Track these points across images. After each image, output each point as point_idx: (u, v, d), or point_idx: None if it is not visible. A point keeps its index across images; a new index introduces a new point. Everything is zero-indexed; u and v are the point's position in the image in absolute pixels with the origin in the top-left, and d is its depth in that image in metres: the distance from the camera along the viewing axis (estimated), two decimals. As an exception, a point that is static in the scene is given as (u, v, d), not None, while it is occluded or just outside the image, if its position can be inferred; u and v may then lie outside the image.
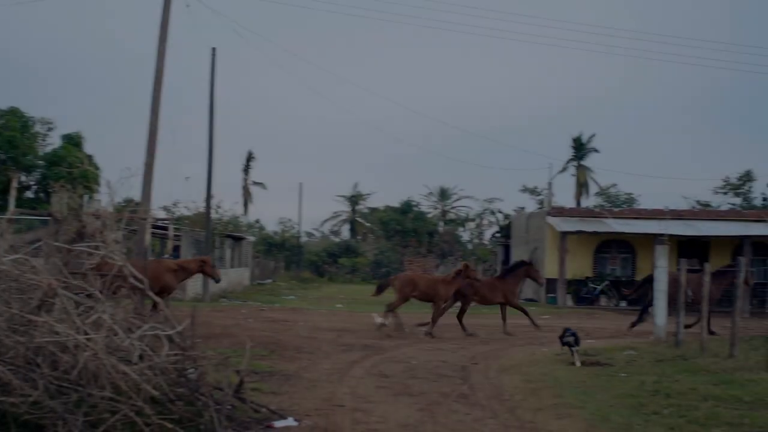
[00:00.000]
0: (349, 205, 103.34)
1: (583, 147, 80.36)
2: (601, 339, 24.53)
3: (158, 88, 28.85)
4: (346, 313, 34.13)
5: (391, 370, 16.98)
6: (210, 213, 42.68)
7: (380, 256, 77.99)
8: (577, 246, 44.08)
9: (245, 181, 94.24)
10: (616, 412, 12.49)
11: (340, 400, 13.37)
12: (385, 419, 11.84)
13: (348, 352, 19.77)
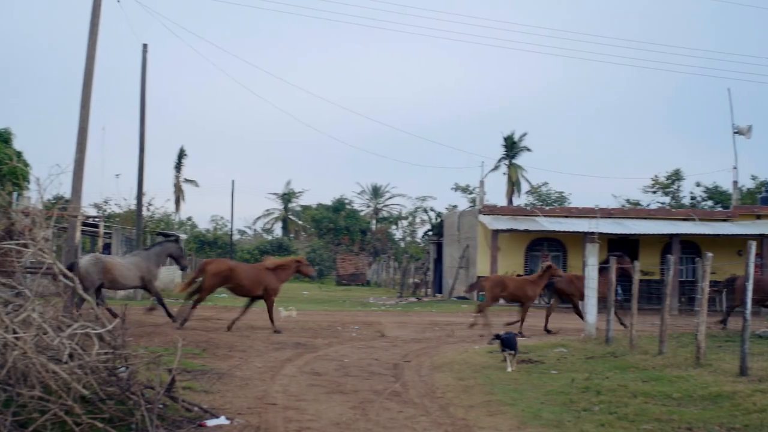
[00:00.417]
0: (282, 202, 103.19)
1: (515, 146, 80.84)
2: (533, 337, 24.70)
3: (89, 83, 28.52)
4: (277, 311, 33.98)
5: (324, 368, 16.98)
6: (141, 210, 42.33)
7: (313, 254, 77.88)
8: (509, 244, 44.35)
9: (177, 179, 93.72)
10: (547, 408, 12.60)
11: (272, 398, 13.34)
12: (317, 417, 11.84)
13: (281, 351, 19.73)
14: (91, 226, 43.47)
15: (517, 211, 47.39)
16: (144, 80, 40.66)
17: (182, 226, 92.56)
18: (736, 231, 42.84)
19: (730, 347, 19.05)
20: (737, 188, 52.94)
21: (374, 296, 50.05)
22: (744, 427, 11.02)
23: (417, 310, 36.72)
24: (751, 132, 51.45)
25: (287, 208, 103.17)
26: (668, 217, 47.53)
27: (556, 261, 46.04)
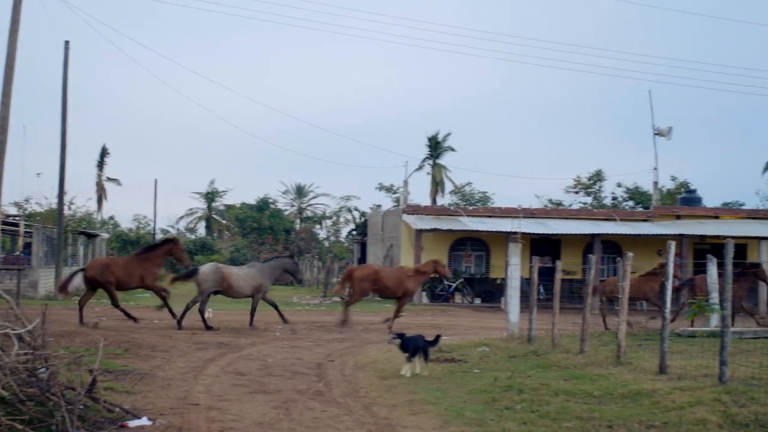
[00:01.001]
0: (205, 202, 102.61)
1: (439, 146, 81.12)
2: (456, 336, 24.83)
3: (9, 81, 28.21)
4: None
5: (247, 368, 16.93)
6: (62, 209, 41.87)
7: (236, 254, 77.47)
8: (433, 244, 44.49)
9: (99, 177, 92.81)
10: (470, 407, 12.68)
11: (195, 398, 13.27)
12: (240, 417, 11.80)
13: (203, 350, 19.64)
14: (12, 225, 42.91)
15: (440, 211, 47.55)
16: (66, 78, 40.27)
17: (104, 225, 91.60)
18: (656, 231, 43.39)
19: (650, 346, 19.28)
20: (657, 189, 53.66)
21: (298, 296, 49.88)
22: (663, 424, 11.17)
23: (340, 309, 36.65)
24: (672, 133, 52.16)
25: (211, 208, 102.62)
26: (590, 218, 48.01)
27: (479, 260, 46.32)
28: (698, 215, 47.85)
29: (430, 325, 28.97)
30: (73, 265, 44.93)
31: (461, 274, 44.96)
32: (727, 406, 11.81)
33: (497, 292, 42.74)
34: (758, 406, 11.76)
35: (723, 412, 11.46)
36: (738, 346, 18.58)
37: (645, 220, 47.56)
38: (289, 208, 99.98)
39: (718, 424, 10.90)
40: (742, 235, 43.38)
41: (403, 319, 28.50)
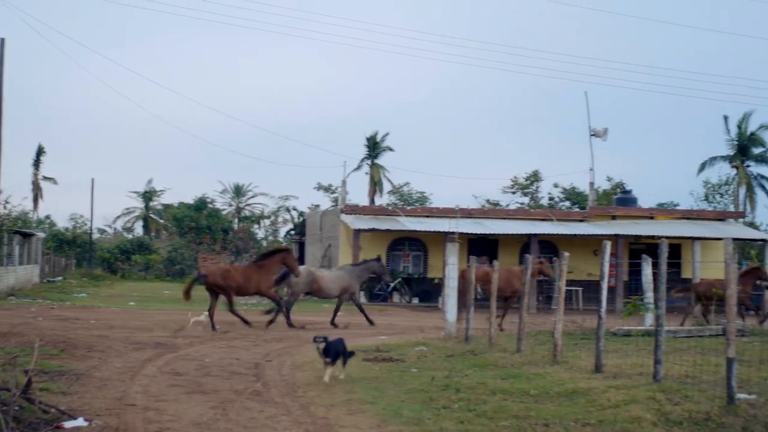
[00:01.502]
0: (143, 201, 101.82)
1: (378, 146, 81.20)
2: (394, 335, 24.88)
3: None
4: (139, 311, 33.62)
5: (184, 368, 16.85)
6: (-3, 209, 41.37)
7: (174, 253, 77.05)
8: (371, 243, 44.52)
9: (35, 176, 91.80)
10: (408, 406, 12.72)
11: (132, 399, 13.19)
12: (177, 418, 11.76)
13: (140, 351, 19.50)
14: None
15: (378, 211, 47.57)
16: (1, 75, 39.81)
17: (40, 224, 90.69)
18: (592, 231, 43.73)
19: (586, 345, 19.44)
20: (593, 189, 54.10)
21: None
22: (599, 422, 11.28)
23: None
24: (607, 134, 52.62)
25: (148, 207, 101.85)
26: (527, 218, 48.26)
27: (417, 260, 46.42)
28: (633, 216, 48.28)
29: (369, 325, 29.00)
30: (8, 265, 44.47)
31: (399, 274, 45.02)
32: (662, 404, 11.96)
33: (435, 291, 42.80)
34: (692, 403, 11.92)
35: (657, 410, 11.61)
36: (672, 344, 18.82)
37: (581, 220, 47.91)
38: (227, 207, 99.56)
39: (652, 422, 11.03)
40: (677, 235, 43.88)
41: (339, 318, 28.51)
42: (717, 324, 24.38)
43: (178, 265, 75.47)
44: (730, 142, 70.53)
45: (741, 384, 12.95)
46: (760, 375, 14.61)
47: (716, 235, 43.86)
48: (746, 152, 70.29)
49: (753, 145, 70.40)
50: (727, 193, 68.64)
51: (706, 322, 27.04)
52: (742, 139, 69.90)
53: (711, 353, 17.23)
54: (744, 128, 69.95)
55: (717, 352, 16.78)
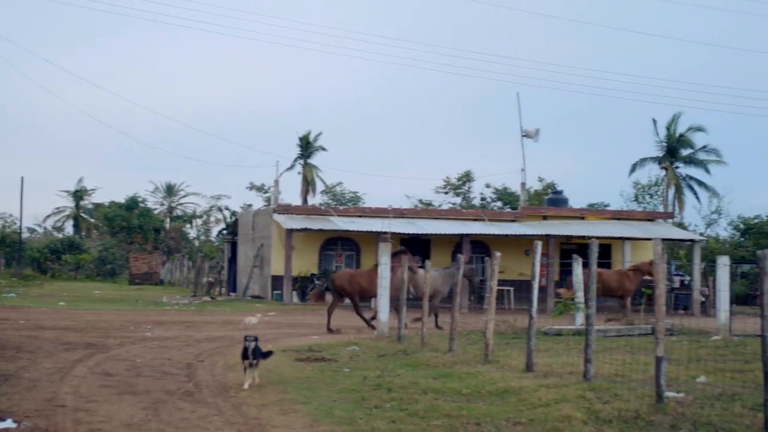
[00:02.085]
0: (73, 200, 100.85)
1: (311, 145, 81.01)
2: (326, 335, 24.88)
3: None
4: (70, 311, 33.28)
5: (115, 368, 16.72)
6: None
7: (105, 253, 76.41)
8: (303, 243, 44.43)
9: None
10: (340, 406, 12.73)
11: (62, 400, 13.08)
12: (108, 419, 11.68)
13: (71, 351, 19.32)
14: None
15: (311, 211, 47.47)
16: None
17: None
18: (524, 231, 43.96)
19: (517, 344, 19.58)
20: (525, 190, 54.40)
21: (168, 296, 49.43)
22: (530, 421, 11.37)
23: (211, 309, 36.46)
24: (539, 135, 52.98)
25: (79, 206, 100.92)
26: (459, 218, 48.41)
27: (350, 260, 46.40)
28: (564, 216, 48.63)
29: (301, 324, 28.99)
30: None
31: (332, 273, 44.98)
32: (592, 402, 12.08)
33: (368, 291, 42.84)
34: (621, 402, 12.06)
35: (587, 408, 11.72)
36: (602, 343, 19.02)
37: (513, 220, 48.14)
38: (159, 207, 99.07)
39: (582, 421, 11.14)
40: (607, 235, 44.26)
41: (274, 318, 28.47)
42: (646, 323, 24.65)
43: (109, 265, 74.88)
44: (659, 144, 71.34)
45: (670, 382, 13.12)
46: (688, 373, 14.83)
47: (646, 235, 44.33)
48: (675, 154, 71.10)
49: (682, 147, 71.23)
50: (657, 194, 69.41)
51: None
52: (671, 140, 70.69)
53: (640, 352, 17.43)
54: (673, 130, 70.76)
55: (646, 351, 16.97)
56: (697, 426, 10.66)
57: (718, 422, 10.80)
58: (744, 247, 56.63)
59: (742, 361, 16.85)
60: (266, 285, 44.28)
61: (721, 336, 23.06)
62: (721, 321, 24.46)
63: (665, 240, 44.38)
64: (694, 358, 17.15)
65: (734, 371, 15.37)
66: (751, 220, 60.22)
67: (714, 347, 19.89)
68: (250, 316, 26.50)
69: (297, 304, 41.30)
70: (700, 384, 13.92)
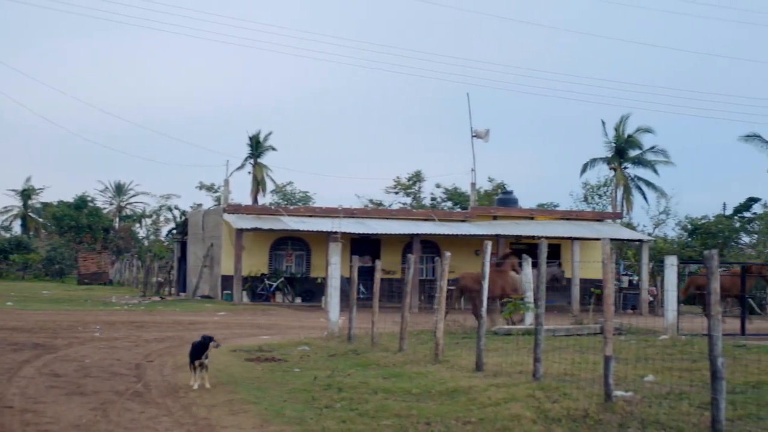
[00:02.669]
0: (21, 199, 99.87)
1: (261, 145, 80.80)
2: (277, 335, 24.84)
3: None
4: (17, 311, 32.97)
5: (64, 369, 16.61)
6: None
7: (53, 253, 75.75)
8: (253, 243, 44.33)
9: None
10: (290, 406, 12.72)
11: (9, 401, 12.99)
12: (56, 420, 11.60)
13: (18, 352, 19.15)
14: None
15: (261, 210, 47.33)
16: None
17: None
18: (474, 231, 44.11)
19: (467, 344, 19.63)
20: (475, 190, 54.57)
21: (117, 295, 49.15)
22: (479, 420, 11.40)
23: (160, 309, 36.27)
24: (489, 135, 53.14)
25: (27, 205, 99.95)
26: (409, 218, 48.47)
27: (300, 260, 46.36)
28: (514, 216, 48.83)
29: (251, 324, 28.93)
30: None
31: (282, 273, 44.93)
32: (541, 401, 12.15)
33: (318, 291, 42.80)
34: (570, 401, 12.13)
35: (537, 407, 11.78)
36: (552, 343, 19.12)
37: (463, 220, 48.27)
38: (108, 206, 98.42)
39: (531, 420, 11.19)
40: (556, 235, 44.52)
41: (224, 318, 28.39)
42: (595, 323, 24.81)
43: (57, 265, 74.26)
44: (608, 145, 71.88)
45: (618, 381, 13.21)
46: (636, 372, 14.93)
47: (594, 235, 44.60)
48: (624, 154, 71.69)
49: (630, 148, 71.84)
50: (606, 195, 69.87)
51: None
52: (620, 141, 71.26)
53: (589, 351, 17.54)
54: (621, 131, 71.35)
55: (595, 350, 17.09)
56: (645, 424, 10.75)
57: (666, 421, 10.89)
58: (691, 248, 57.08)
59: (690, 360, 16.99)
60: (216, 285, 44.13)
61: (669, 335, 23.22)
62: (668, 320, 24.64)
63: (614, 240, 44.79)
64: (643, 358, 17.27)
65: (682, 370, 15.51)
66: (698, 221, 60.75)
67: (662, 346, 20.05)
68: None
69: (247, 304, 41.19)
70: (648, 383, 14.03)
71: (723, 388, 9.91)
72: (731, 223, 61.97)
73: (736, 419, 10.95)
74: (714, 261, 10.23)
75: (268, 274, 44.32)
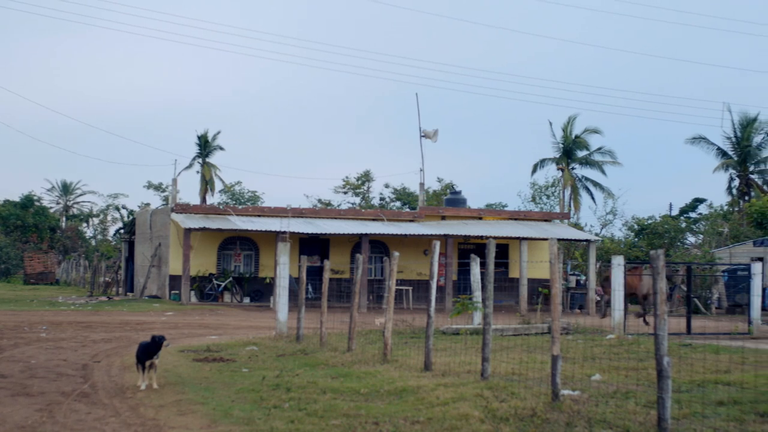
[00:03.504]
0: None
1: (209, 144, 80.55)
2: (225, 335, 24.76)
3: None
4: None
5: (9, 370, 16.46)
6: None
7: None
8: (202, 243, 44.15)
9: None
10: (238, 406, 12.69)
11: (-47, 402, 12.86)
12: (1, 421, 11.50)
13: (-38, 353, 18.99)
14: None
15: (210, 210, 47.11)
16: None
17: None
18: (422, 231, 44.15)
19: (416, 343, 19.68)
20: (423, 190, 54.63)
21: (64, 295, 48.75)
22: (428, 419, 11.43)
23: (108, 309, 36.01)
24: (437, 135, 53.22)
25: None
26: (358, 218, 48.41)
27: (249, 260, 46.20)
28: (463, 216, 48.94)
29: (199, 324, 28.81)
30: None
31: (230, 273, 44.76)
32: (489, 401, 12.22)
33: (266, 291, 42.70)
34: (518, 400, 12.21)
35: (484, 407, 11.84)
36: (500, 342, 19.23)
37: (411, 220, 48.30)
38: (55, 205, 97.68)
39: (479, 419, 11.23)
40: (504, 235, 44.63)
41: (171, 318, 28.25)
42: (543, 322, 24.97)
43: (3, 264, 73.51)
44: (556, 146, 72.36)
45: (565, 380, 13.33)
46: (583, 372, 15.05)
47: (542, 235, 44.81)
48: (571, 155, 72.20)
49: (578, 148, 72.36)
50: (553, 195, 70.27)
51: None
52: (567, 142, 71.75)
53: (537, 351, 17.67)
54: (569, 132, 71.85)
55: (543, 349, 17.22)
56: (592, 423, 10.83)
57: (613, 419, 10.99)
58: (638, 248, 57.52)
59: (636, 359, 17.15)
60: (164, 285, 43.87)
61: (616, 335, 23.42)
62: (615, 320, 24.85)
63: (561, 240, 45.08)
64: (590, 357, 17.43)
65: (628, 369, 15.66)
66: (644, 221, 61.21)
67: (609, 346, 20.23)
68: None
69: (195, 304, 40.99)
70: (595, 382, 14.15)
71: (669, 387, 10.00)
72: (677, 224, 62.55)
73: (682, 418, 11.07)
74: (660, 261, 10.32)
75: (217, 273, 44.12)
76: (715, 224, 60.71)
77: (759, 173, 67.44)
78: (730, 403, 12.13)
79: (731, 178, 68.31)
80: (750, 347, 19.72)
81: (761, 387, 13.22)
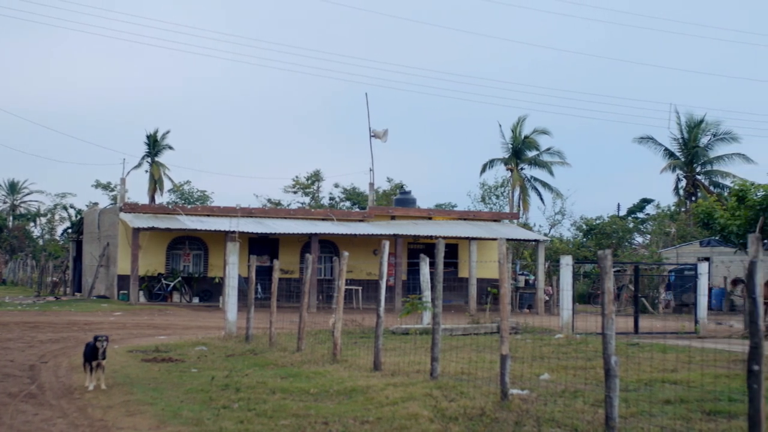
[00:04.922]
0: None
1: (158, 144, 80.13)
2: (174, 335, 24.66)
3: None
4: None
5: (-45, 371, 16.33)
6: None
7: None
8: (150, 242, 43.92)
9: None
10: (187, 407, 12.65)
11: None
12: (-54, 423, 11.41)
13: None
14: None
15: (159, 210, 46.86)
16: None
17: None
18: (372, 231, 44.17)
19: (365, 343, 19.71)
20: (373, 190, 54.65)
21: (11, 295, 48.34)
22: (377, 419, 11.44)
23: (55, 309, 35.73)
24: (387, 135, 53.27)
25: None
26: (308, 217, 48.37)
27: (198, 259, 46.04)
28: (412, 216, 49.01)
29: (148, 324, 28.67)
30: None
31: (179, 273, 44.58)
32: (438, 400, 12.26)
33: (216, 291, 42.58)
34: (467, 399, 12.26)
35: (434, 406, 11.88)
36: (449, 342, 19.29)
37: (361, 220, 48.31)
38: (2, 205, 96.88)
39: (429, 418, 11.26)
40: (454, 235, 44.76)
41: (120, 318, 28.08)
42: (492, 322, 25.08)
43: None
44: (505, 146, 72.68)
45: (514, 380, 13.40)
46: (532, 371, 15.15)
47: (491, 235, 44.96)
48: (520, 155, 72.58)
49: (527, 149, 72.76)
50: (503, 195, 70.56)
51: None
52: (517, 142, 72.12)
53: (486, 350, 17.74)
54: (518, 132, 72.21)
55: (492, 349, 17.29)
56: (540, 422, 10.89)
57: (561, 418, 11.06)
58: (586, 248, 57.91)
59: (585, 358, 17.26)
60: (112, 285, 43.61)
61: (564, 334, 23.57)
62: (564, 319, 25.01)
63: (510, 240, 45.24)
64: (538, 356, 17.53)
65: (576, 368, 15.78)
66: (593, 221, 61.64)
67: (557, 345, 20.36)
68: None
69: (144, 304, 40.77)
70: (543, 381, 14.25)
71: (616, 386, 10.07)
72: (625, 224, 63.09)
73: (630, 416, 11.17)
74: (608, 261, 10.40)
75: (165, 273, 43.91)
76: (662, 224, 61.30)
77: (705, 174, 68.04)
78: (677, 402, 12.26)
79: (678, 179, 68.94)
80: (696, 346, 19.90)
81: (707, 386, 13.35)
